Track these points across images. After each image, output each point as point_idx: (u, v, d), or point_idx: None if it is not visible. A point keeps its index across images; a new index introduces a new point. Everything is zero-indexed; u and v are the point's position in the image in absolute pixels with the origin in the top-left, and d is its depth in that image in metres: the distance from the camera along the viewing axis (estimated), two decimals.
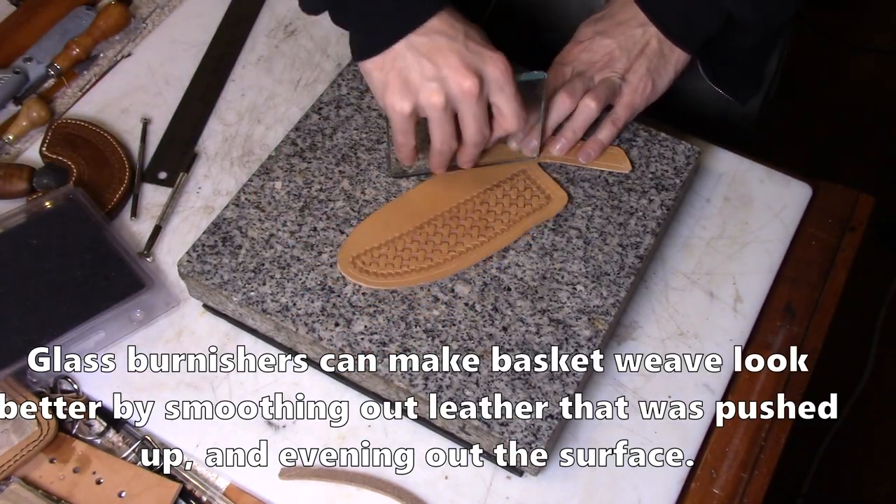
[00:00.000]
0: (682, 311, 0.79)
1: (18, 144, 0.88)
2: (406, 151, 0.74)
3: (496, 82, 0.69)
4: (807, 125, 2.09)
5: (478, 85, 0.68)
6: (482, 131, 0.72)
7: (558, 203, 0.77)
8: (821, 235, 0.84)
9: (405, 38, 0.68)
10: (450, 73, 0.67)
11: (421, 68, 0.68)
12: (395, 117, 0.70)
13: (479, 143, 0.73)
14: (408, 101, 0.69)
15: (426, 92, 0.68)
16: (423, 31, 0.68)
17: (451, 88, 0.68)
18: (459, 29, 0.68)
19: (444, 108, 0.69)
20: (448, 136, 0.72)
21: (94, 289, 0.75)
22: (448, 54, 0.67)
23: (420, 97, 0.68)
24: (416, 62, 0.68)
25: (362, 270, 0.73)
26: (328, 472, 0.70)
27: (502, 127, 0.72)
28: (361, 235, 0.75)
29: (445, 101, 0.68)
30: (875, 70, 2.21)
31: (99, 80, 0.93)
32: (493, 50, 0.69)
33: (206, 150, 0.88)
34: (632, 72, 0.79)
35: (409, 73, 0.68)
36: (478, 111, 0.70)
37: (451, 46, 0.68)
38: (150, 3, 1.00)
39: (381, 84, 0.70)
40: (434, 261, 0.74)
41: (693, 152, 0.81)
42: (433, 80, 0.68)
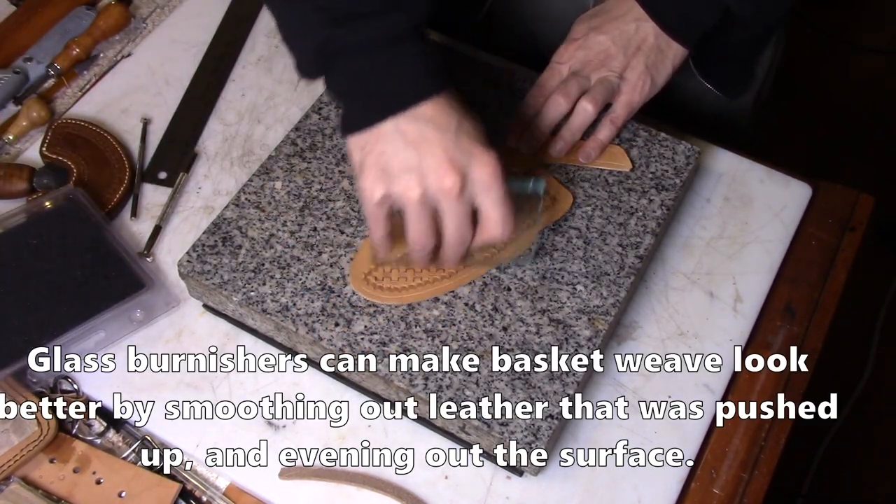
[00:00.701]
0: (682, 311, 0.79)
1: (18, 144, 0.88)
2: (377, 240, 0.67)
3: (482, 184, 0.63)
4: (807, 125, 2.09)
5: (459, 184, 0.62)
6: (461, 233, 0.65)
7: (564, 205, 0.77)
8: (821, 235, 0.84)
9: (393, 119, 0.62)
10: (431, 168, 0.62)
11: (402, 156, 0.62)
12: (366, 203, 0.64)
13: (458, 245, 0.66)
14: (380, 188, 0.63)
15: (402, 182, 0.62)
16: (413, 115, 0.62)
17: (429, 183, 0.62)
18: (453, 119, 0.63)
19: (419, 201, 0.63)
20: (423, 233, 0.65)
21: (94, 289, 0.75)
22: (433, 147, 0.62)
23: (395, 187, 0.63)
24: (399, 149, 0.62)
25: (375, 287, 0.72)
26: (328, 472, 0.70)
27: (486, 232, 0.65)
28: (369, 251, 0.73)
29: (422, 196, 0.62)
30: (875, 69, 2.21)
31: (99, 80, 0.93)
32: (484, 148, 0.63)
33: (206, 150, 0.88)
34: (629, 69, 0.79)
35: (389, 158, 0.62)
36: (458, 211, 0.63)
37: (439, 138, 0.62)
38: (150, 3, 1.00)
39: (359, 165, 0.64)
40: (446, 272, 0.73)
41: (693, 152, 0.81)
42: (412, 171, 0.62)
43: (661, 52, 0.79)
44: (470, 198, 0.64)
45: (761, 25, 0.89)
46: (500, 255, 0.72)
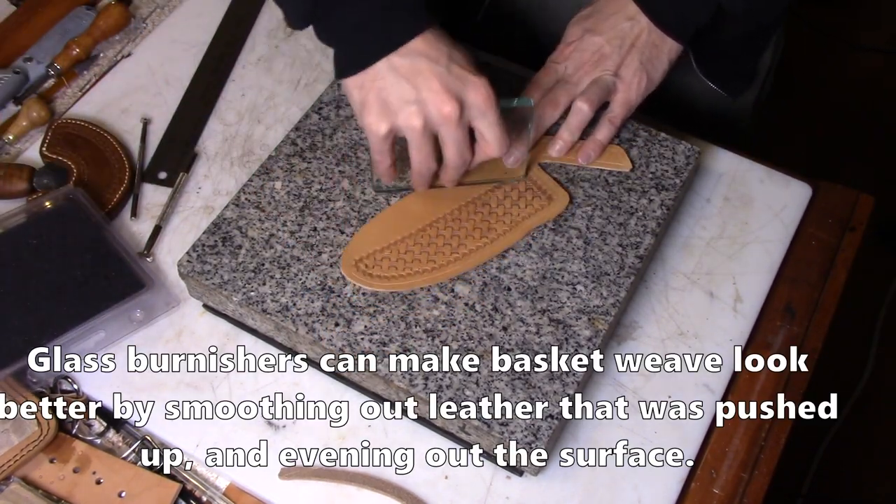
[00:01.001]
0: (682, 311, 0.79)
1: (18, 144, 0.88)
2: (383, 170, 0.73)
3: (478, 108, 0.68)
4: (807, 125, 2.09)
5: (458, 110, 0.66)
6: (463, 155, 0.70)
7: (560, 203, 0.77)
8: (821, 235, 0.84)
9: (386, 57, 0.66)
10: (429, 97, 0.66)
11: (400, 90, 0.66)
12: (372, 138, 0.69)
13: (459, 166, 0.72)
14: (385, 123, 0.67)
15: (404, 114, 0.67)
16: (405, 51, 0.66)
17: (430, 112, 0.67)
18: (443, 51, 0.67)
19: (422, 131, 0.68)
20: (426, 158, 0.71)
21: (94, 289, 0.75)
22: (429, 77, 0.66)
23: (398, 119, 0.67)
24: (395, 83, 0.66)
25: (365, 273, 0.73)
26: (328, 472, 0.70)
27: (484, 152, 0.71)
28: (364, 238, 0.75)
29: (424, 124, 0.67)
30: (875, 69, 2.21)
31: (99, 80, 0.93)
32: (476, 74, 0.67)
33: (206, 150, 0.88)
34: (624, 67, 0.79)
35: (388, 94, 0.67)
36: (458, 135, 0.68)
37: (433, 69, 0.66)
38: (150, 3, 1.00)
39: (360, 103, 0.68)
40: (437, 263, 0.74)
41: (693, 152, 0.81)
42: (412, 103, 0.66)
43: (655, 48, 0.79)
44: (467, 121, 0.68)
45: (756, 23, 0.89)
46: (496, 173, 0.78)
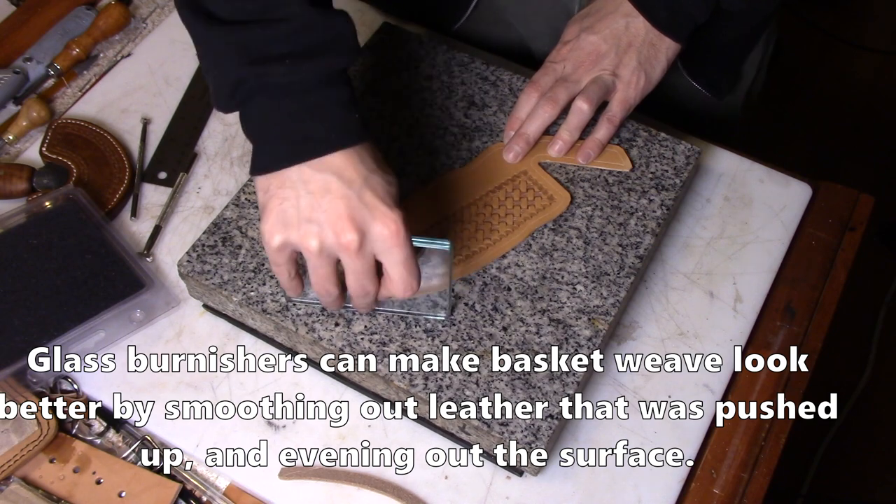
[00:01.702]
0: (682, 311, 0.79)
1: (18, 144, 0.88)
2: (284, 283, 0.67)
3: (382, 242, 0.61)
4: (807, 125, 2.09)
5: (357, 241, 0.60)
6: (363, 286, 0.64)
7: (562, 203, 0.77)
8: (821, 235, 0.84)
9: (299, 166, 0.61)
10: (329, 221, 0.60)
11: (301, 205, 0.61)
12: (266, 247, 0.63)
13: (362, 297, 0.65)
14: (279, 235, 0.62)
15: (300, 232, 0.61)
16: (319, 165, 0.61)
17: (327, 237, 0.61)
18: (360, 173, 0.61)
19: (318, 253, 0.62)
20: (323, 281, 0.64)
21: (94, 289, 0.75)
22: (335, 200, 0.60)
23: (292, 235, 0.62)
24: (299, 197, 0.61)
25: None
26: (328, 472, 0.70)
27: (387, 289, 0.65)
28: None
29: (319, 248, 0.61)
30: (875, 69, 2.21)
31: (99, 80, 0.93)
32: (389, 206, 0.61)
33: (206, 150, 0.88)
34: (622, 66, 0.79)
35: (290, 206, 0.61)
36: (357, 266, 0.62)
37: (343, 192, 0.60)
38: (150, 3, 1.00)
39: (261, 207, 0.63)
40: None
41: (693, 152, 0.81)
42: (311, 223, 0.61)
43: (653, 47, 0.79)
44: (371, 254, 0.62)
45: (749, 24, 0.89)
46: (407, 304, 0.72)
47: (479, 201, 0.77)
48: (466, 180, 0.78)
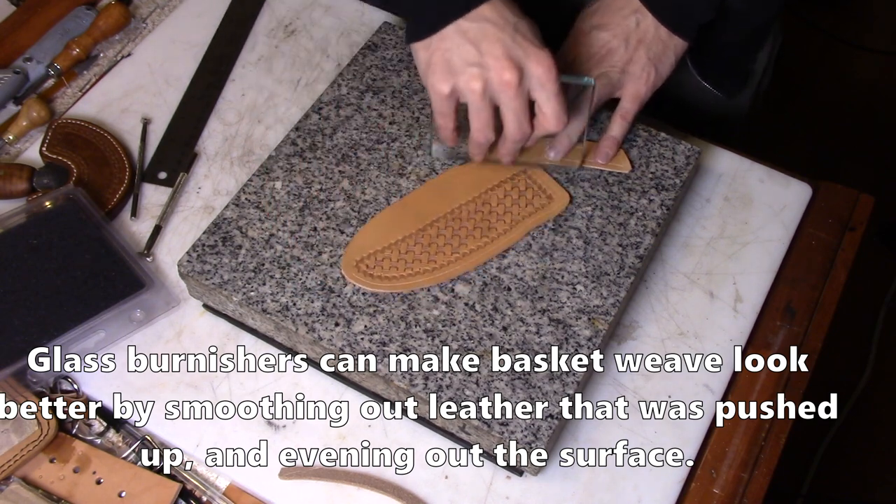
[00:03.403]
0: (682, 311, 0.79)
1: (18, 144, 0.88)
2: (445, 133, 0.74)
3: (537, 78, 0.68)
4: (807, 125, 2.09)
5: (517, 77, 0.67)
6: (521, 127, 0.71)
7: (560, 203, 0.77)
8: (821, 235, 0.84)
9: (455, 22, 0.68)
10: (491, 62, 0.67)
11: (464, 52, 0.68)
12: (435, 97, 0.70)
13: (517, 139, 0.72)
14: (447, 83, 0.69)
15: (466, 76, 0.68)
16: (473, 16, 0.68)
17: (490, 77, 0.68)
18: (509, 20, 0.68)
19: (482, 94, 0.69)
20: (485, 125, 0.71)
21: (94, 289, 0.75)
22: (493, 43, 0.67)
23: (459, 81, 0.69)
24: (460, 46, 0.68)
25: (366, 274, 0.73)
26: (328, 472, 0.70)
27: (542, 126, 0.71)
28: (364, 239, 0.75)
29: (484, 88, 0.68)
30: (875, 70, 2.21)
31: (99, 80, 0.93)
32: (539, 46, 0.68)
33: (206, 150, 0.88)
34: (633, 62, 0.79)
35: (453, 55, 0.68)
36: (517, 105, 0.69)
37: (498, 36, 0.67)
38: (150, 3, 1.00)
39: (425, 63, 0.70)
40: (438, 263, 0.73)
41: (693, 152, 0.81)
42: (474, 66, 0.68)
43: (662, 44, 0.79)
44: (527, 92, 0.69)
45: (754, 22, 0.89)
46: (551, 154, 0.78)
47: (477, 199, 0.77)
48: (465, 178, 0.78)
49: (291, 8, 0.98)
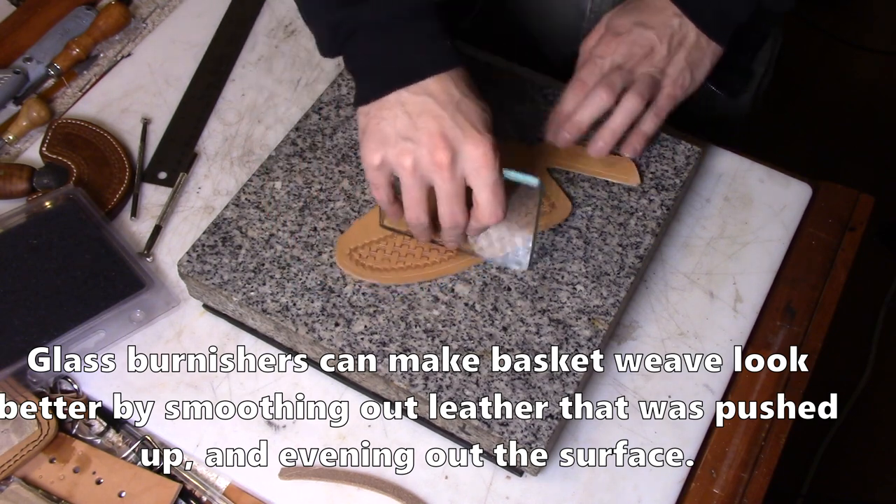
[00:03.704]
0: (682, 311, 0.79)
1: (18, 144, 0.88)
2: (384, 206, 0.70)
3: (472, 163, 0.64)
4: (807, 125, 2.09)
5: (448, 159, 0.64)
6: (453, 213, 0.67)
7: (563, 211, 0.77)
8: (821, 235, 0.84)
9: (397, 91, 0.65)
10: (424, 138, 0.64)
11: (399, 124, 0.65)
12: (365, 167, 0.67)
13: (450, 227, 0.68)
14: (378, 153, 0.66)
15: (397, 150, 0.65)
16: (415, 89, 0.65)
17: (422, 155, 0.64)
18: (454, 97, 0.65)
19: (412, 171, 0.65)
20: (415, 204, 0.67)
21: (94, 289, 0.75)
22: (430, 119, 0.64)
23: (390, 153, 0.65)
24: (396, 117, 0.65)
25: (358, 263, 0.73)
26: (328, 472, 0.70)
27: (475, 217, 0.67)
28: (361, 229, 0.75)
29: (414, 165, 0.65)
30: (875, 70, 2.21)
31: (99, 80, 0.93)
32: (480, 131, 0.64)
33: (206, 150, 0.88)
34: (672, 64, 0.78)
35: (388, 126, 0.65)
36: (449, 188, 0.65)
37: (436, 112, 0.64)
38: (150, 3, 1.00)
39: (361, 130, 0.67)
40: (430, 260, 0.74)
41: (693, 152, 0.81)
42: (407, 140, 0.64)
43: (700, 50, 0.78)
44: (461, 177, 0.65)
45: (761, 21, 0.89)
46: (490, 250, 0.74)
47: None
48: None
49: (291, 8, 0.98)
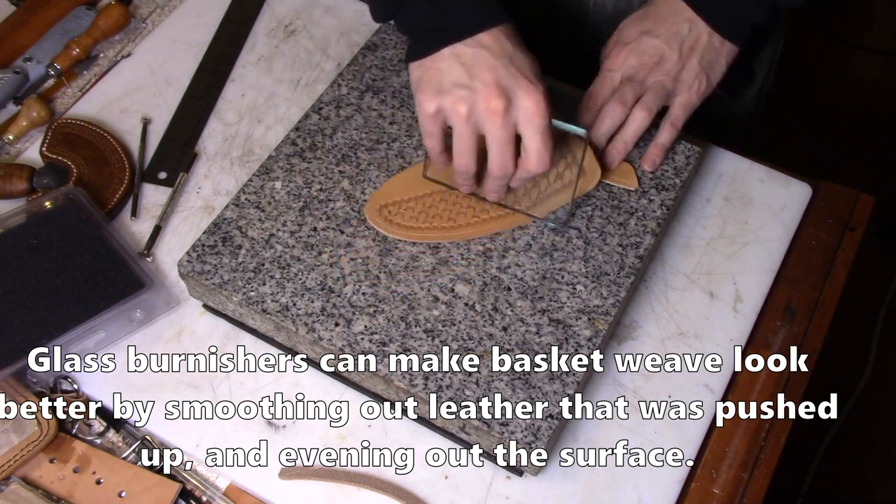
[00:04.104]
0: (682, 311, 0.79)
1: (18, 144, 0.88)
2: (433, 155, 0.73)
3: (524, 111, 0.67)
4: (807, 125, 2.09)
5: (504, 106, 0.66)
6: (503, 161, 0.69)
7: (592, 179, 0.77)
8: (821, 235, 0.84)
9: (451, 45, 0.68)
10: (480, 87, 0.66)
11: (455, 74, 0.67)
12: (421, 116, 0.69)
13: (498, 175, 0.70)
14: (433, 102, 0.68)
15: (452, 97, 0.67)
16: (470, 42, 0.67)
17: (477, 102, 0.67)
18: (507, 50, 0.67)
19: (466, 119, 0.67)
20: (465, 150, 0.69)
21: (94, 289, 0.75)
22: (485, 69, 0.66)
23: (446, 101, 0.67)
24: (452, 68, 0.67)
25: (387, 220, 0.74)
26: (328, 472, 0.70)
27: (524, 166, 0.69)
28: (393, 187, 0.77)
29: (469, 113, 0.67)
30: (875, 70, 2.21)
31: (99, 80, 0.93)
32: (532, 80, 0.67)
33: (206, 150, 0.88)
34: (686, 70, 0.78)
35: (443, 76, 0.67)
36: (501, 136, 0.67)
37: (491, 63, 0.66)
38: (150, 3, 1.00)
39: (416, 81, 0.69)
40: (457, 223, 0.75)
41: (693, 152, 0.81)
42: (462, 88, 0.67)
43: (715, 51, 0.78)
44: (514, 125, 0.67)
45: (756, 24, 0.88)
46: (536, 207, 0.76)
47: None
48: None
49: (291, 8, 0.99)
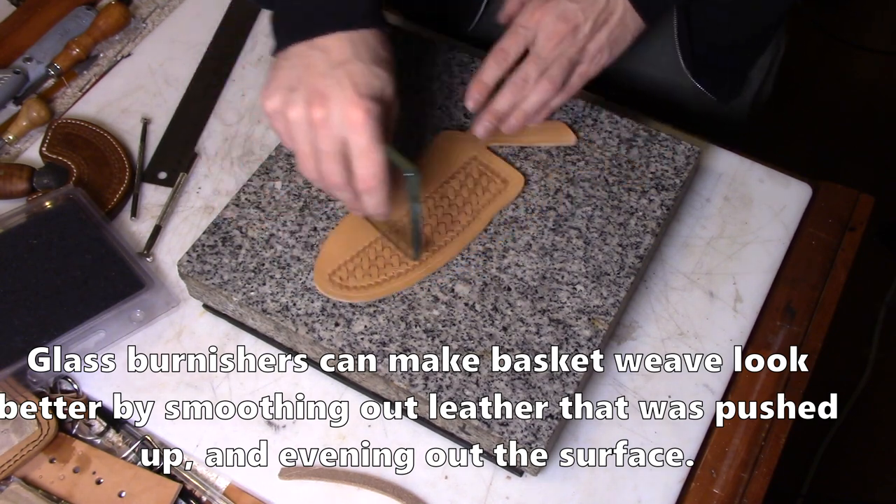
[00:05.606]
0: (682, 311, 0.79)
1: (18, 144, 0.88)
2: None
3: (344, 125, 0.64)
4: (807, 125, 2.09)
5: (323, 116, 0.64)
6: (328, 173, 0.66)
7: (516, 185, 0.77)
8: (821, 235, 0.84)
9: (297, 44, 0.66)
10: (305, 93, 0.64)
11: (290, 75, 0.66)
12: (264, 112, 0.67)
13: (332, 188, 0.67)
14: (269, 101, 0.66)
15: (285, 99, 0.65)
16: (314, 43, 0.66)
17: (303, 108, 0.65)
18: (346, 56, 0.65)
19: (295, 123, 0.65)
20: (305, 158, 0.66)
21: (94, 289, 0.75)
22: (315, 75, 0.65)
23: (279, 101, 0.66)
24: (292, 67, 0.66)
25: (341, 286, 0.72)
26: (328, 472, 0.70)
27: (352, 183, 0.67)
28: (331, 250, 0.74)
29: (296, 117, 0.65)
30: (875, 70, 2.21)
31: (99, 80, 0.93)
32: (361, 95, 0.64)
33: (206, 150, 0.88)
34: (592, 41, 0.76)
35: (283, 74, 0.66)
36: (324, 147, 0.65)
37: (323, 70, 0.64)
38: (150, 3, 1.00)
39: (267, 76, 0.68)
40: (410, 263, 0.73)
41: (693, 152, 0.81)
42: (293, 91, 0.65)
43: (625, 28, 0.77)
44: (338, 137, 0.64)
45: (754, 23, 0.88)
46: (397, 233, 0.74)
47: (434, 194, 0.77)
48: None
49: None
